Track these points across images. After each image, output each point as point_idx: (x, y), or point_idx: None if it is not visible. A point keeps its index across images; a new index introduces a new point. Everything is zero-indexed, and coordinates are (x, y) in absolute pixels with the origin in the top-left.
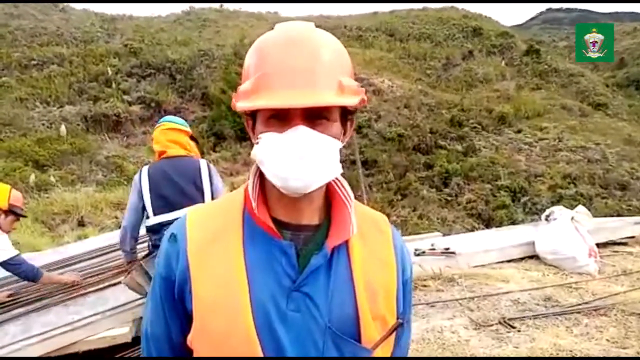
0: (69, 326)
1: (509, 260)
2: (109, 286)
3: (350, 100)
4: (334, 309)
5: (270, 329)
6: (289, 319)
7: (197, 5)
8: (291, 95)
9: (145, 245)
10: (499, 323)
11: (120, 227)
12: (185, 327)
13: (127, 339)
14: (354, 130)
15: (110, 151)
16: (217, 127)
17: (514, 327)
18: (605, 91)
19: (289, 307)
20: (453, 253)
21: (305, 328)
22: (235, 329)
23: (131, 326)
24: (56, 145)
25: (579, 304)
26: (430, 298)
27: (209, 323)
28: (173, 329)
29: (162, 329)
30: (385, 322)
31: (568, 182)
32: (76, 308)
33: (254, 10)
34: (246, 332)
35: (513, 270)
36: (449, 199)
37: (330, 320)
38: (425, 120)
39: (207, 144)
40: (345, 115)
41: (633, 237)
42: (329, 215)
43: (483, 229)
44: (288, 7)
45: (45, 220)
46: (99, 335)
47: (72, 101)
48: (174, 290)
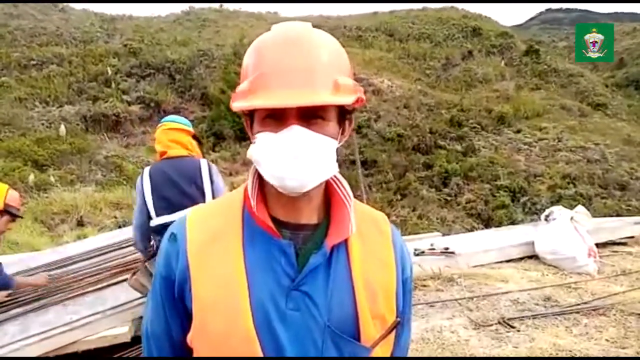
0: (67, 326)
1: (508, 260)
2: (108, 286)
3: (346, 99)
4: (333, 308)
5: (269, 328)
6: (288, 318)
7: (197, 5)
8: (286, 95)
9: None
10: (499, 323)
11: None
12: (186, 326)
13: (127, 339)
14: (354, 130)
15: (110, 151)
16: (217, 127)
17: (513, 327)
18: (605, 91)
19: (288, 306)
20: (452, 253)
21: (304, 327)
22: (235, 328)
23: (130, 326)
24: (55, 145)
25: (578, 304)
26: (429, 298)
27: (209, 322)
28: (173, 327)
29: (163, 327)
30: (385, 321)
31: (567, 182)
32: (75, 308)
33: (254, 10)
34: (246, 332)
35: (512, 270)
36: (449, 198)
37: (330, 319)
38: (425, 120)
39: (207, 144)
40: (343, 115)
41: (632, 237)
42: (328, 215)
43: (482, 228)
44: (288, 7)
45: (44, 220)
46: (98, 335)
47: (72, 101)
48: (174, 290)
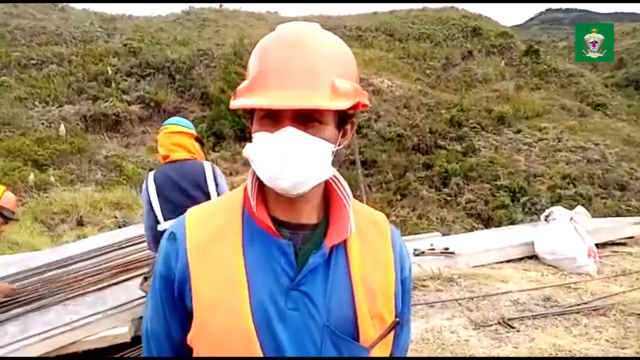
0: (68, 326)
1: (508, 261)
2: (108, 286)
3: (342, 104)
4: (332, 308)
5: (269, 328)
6: (287, 318)
7: (197, 5)
8: (282, 96)
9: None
10: (498, 323)
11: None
12: (186, 325)
13: (127, 339)
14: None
15: (110, 151)
16: (217, 127)
17: (513, 327)
18: (605, 91)
19: (288, 306)
20: (452, 253)
21: (303, 326)
22: (235, 328)
23: (130, 326)
24: (55, 144)
25: (578, 304)
26: (429, 298)
27: (209, 322)
28: (173, 326)
29: (162, 326)
30: (384, 321)
31: (567, 182)
32: (75, 308)
33: (254, 10)
34: (245, 331)
35: (512, 271)
36: (449, 199)
37: (329, 319)
38: (425, 120)
39: (207, 144)
40: (343, 118)
41: (632, 238)
42: (328, 214)
43: (482, 229)
44: (288, 7)
45: (44, 219)
46: (99, 335)
47: (72, 101)
48: (174, 289)
